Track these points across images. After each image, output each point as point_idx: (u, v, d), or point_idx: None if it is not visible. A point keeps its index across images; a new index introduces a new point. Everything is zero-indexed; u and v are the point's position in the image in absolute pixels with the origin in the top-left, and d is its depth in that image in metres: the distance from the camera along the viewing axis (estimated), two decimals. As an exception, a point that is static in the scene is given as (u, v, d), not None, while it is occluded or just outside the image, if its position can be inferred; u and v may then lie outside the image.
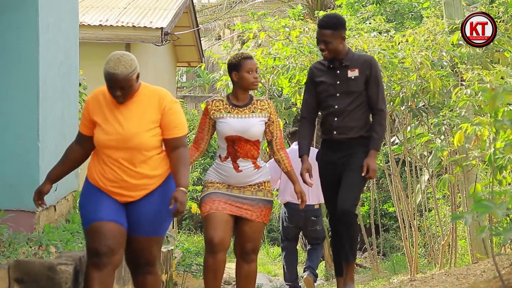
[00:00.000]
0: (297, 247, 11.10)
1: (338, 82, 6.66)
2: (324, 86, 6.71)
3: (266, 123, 6.40)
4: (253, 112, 6.38)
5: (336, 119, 6.64)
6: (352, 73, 6.64)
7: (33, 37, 6.94)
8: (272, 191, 6.56)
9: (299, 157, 6.87)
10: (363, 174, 6.50)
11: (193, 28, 17.69)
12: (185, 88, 29.46)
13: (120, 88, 5.19)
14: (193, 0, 18.66)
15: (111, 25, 13.86)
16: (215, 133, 6.44)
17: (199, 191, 24.72)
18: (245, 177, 6.34)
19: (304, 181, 6.66)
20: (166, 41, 14.21)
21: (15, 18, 6.96)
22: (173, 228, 20.53)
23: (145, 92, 5.35)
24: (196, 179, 24.35)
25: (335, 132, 6.66)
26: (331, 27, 6.59)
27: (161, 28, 13.76)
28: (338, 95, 6.66)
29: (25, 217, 6.84)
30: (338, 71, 6.69)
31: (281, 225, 10.28)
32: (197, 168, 24.82)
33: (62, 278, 5.57)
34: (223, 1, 26.26)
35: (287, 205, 9.86)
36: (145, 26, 13.76)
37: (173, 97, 5.45)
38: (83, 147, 5.44)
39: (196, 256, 13.29)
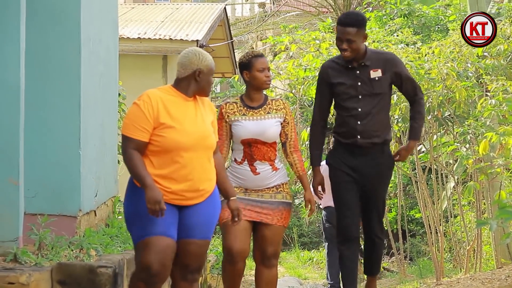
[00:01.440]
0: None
1: (359, 83, 6.08)
2: (342, 87, 6.11)
3: (281, 123, 6.02)
4: (268, 113, 5.98)
5: (359, 122, 6.06)
6: (375, 74, 6.09)
7: (75, 49, 6.98)
8: (291, 193, 6.15)
9: (312, 167, 6.43)
10: (395, 159, 6.23)
11: (227, 40, 17.73)
12: (219, 98, 29.50)
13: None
14: (227, 13, 18.70)
15: (149, 38, 13.93)
16: None
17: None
18: (263, 179, 5.96)
19: (317, 195, 6.26)
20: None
21: (58, 31, 7.00)
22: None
23: (196, 98, 5.10)
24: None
25: (359, 137, 6.07)
26: (356, 25, 6.00)
27: (197, 40, 13.81)
28: (360, 97, 6.07)
29: (67, 221, 6.87)
30: (358, 71, 6.10)
31: (322, 228, 10.46)
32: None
33: (102, 280, 5.58)
34: (256, 14, 26.29)
35: (327, 208, 9.99)
36: (181, 39, 13.82)
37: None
38: (139, 151, 4.91)
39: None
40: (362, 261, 6.67)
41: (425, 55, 10.60)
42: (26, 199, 6.44)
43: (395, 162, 6.39)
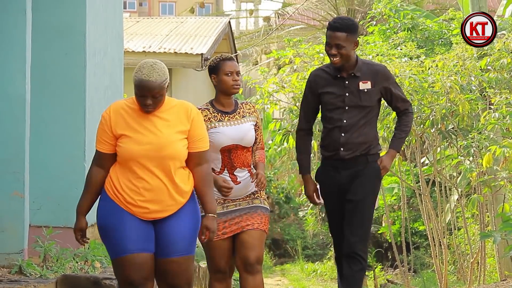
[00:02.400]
0: None
1: (347, 94, 5.76)
2: (329, 97, 5.81)
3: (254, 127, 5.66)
4: (243, 116, 5.62)
5: (343, 134, 5.76)
6: (364, 85, 5.77)
7: (81, 63, 7.01)
8: (267, 201, 5.80)
9: (302, 176, 6.07)
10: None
11: (231, 53, 17.76)
12: (223, 111, 29.58)
13: (152, 96, 4.69)
14: (232, 27, 18.74)
15: (154, 51, 13.97)
16: None
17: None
18: (244, 188, 5.58)
19: (313, 203, 6.03)
20: (206, 66, 14.27)
21: (64, 45, 7.03)
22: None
23: (170, 103, 4.84)
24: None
25: (342, 149, 5.77)
26: (346, 30, 5.69)
27: (201, 54, 13.84)
28: (347, 108, 5.76)
29: (72, 234, 6.86)
30: (347, 82, 5.78)
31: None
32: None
33: (106, 291, 5.58)
34: (260, 28, 26.33)
35: None
36: (186, 52, 13.86)
37: (197, 109, 4.97)
38: (104, 167, 4.82)
39: (235, 272, 13.26)
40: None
41: (429, 69, 10.60)
42: (31, 211, 6.45)
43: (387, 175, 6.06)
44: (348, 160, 5.77)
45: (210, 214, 4.83)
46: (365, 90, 5.77)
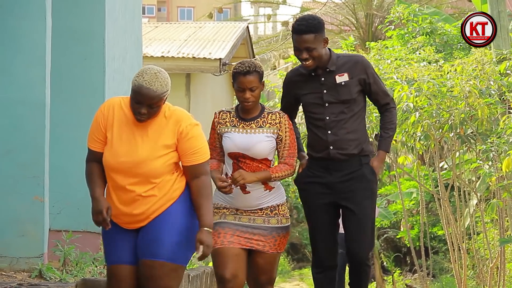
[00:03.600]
0: None
1: (325, 91, 5.48)
2: (308, 97, 5.53)
3: (276, 139, 5.33)
4: (260, 127, 5.29)
5: (329, 132, 5.46)
6: (341, 78, 5.46)
7: (100, 68, 7.04)
8: (287, 215, 5.43)
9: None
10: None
11: (250, 58, 17.78)
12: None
13: (149, 106, 4.40)
14: (250, 32, 18.77)
15: (172, 56, 14.00)
16: None
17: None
18: (254, 199, 5.29)
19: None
20: (224, 71, 14.31)
21: (83, 50, 7.07)
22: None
23: (163, 113, 4.54)
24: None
25: (331, 148, 5.46)
26: (313, 31, 5.36)
27: (220, 59, 13.86)
28: (327, 105, 5.48)
29: (91, 238, 6.91)
30: (322, 78, 5.49)
31: None
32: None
33: (125, 296, 5.60)
34: (278, 33, 26.36)
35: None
36: (204, 57, 13.89)
37: (192, 120, 4.59)
38: (100, 162, 4.58)
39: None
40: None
41: (448, 73, 10.57)
42: (51, 216, 6.48)
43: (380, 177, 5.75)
44: (341, 160, 5.47)
45: (205, 228, 4.47)
46: (343, 83, 5.48)
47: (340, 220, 5.63)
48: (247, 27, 17.95)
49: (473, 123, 10.24)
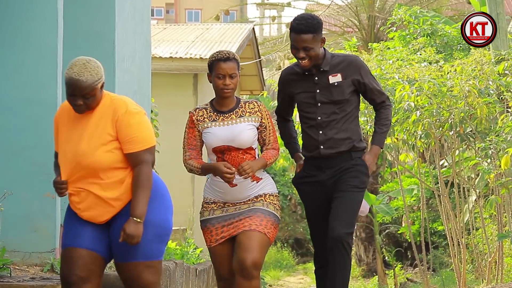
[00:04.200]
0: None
1: (318, 91, 5.34)
2: (301, 96, 5.40)
3: (258, 128, 5.17)
4: (240, 116, 5.13)
5: (321, 132, 5.34)
6: (334, 79, 5.31)
7: (110, 68, 7.04)
8: (277, 207, 5.23)
9: (292, 156, 5.61)
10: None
11: (255, 59, 17.79)
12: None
13: (83, 96, 4.27)
14: (256, 33, 18.75)
15: (180, 57, 14.02)
16: None
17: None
18: (242, 191, 5.13)
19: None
20: (231, 71, 14.29)
21: (94, 51, 7.05)
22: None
23: (104, 103, 4.40)
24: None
25: (322, 147, 5.33)
26: (311, 31, 5.22)
27: (226, 59, 13.84)
28: (319, 105, 5.34)
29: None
30: (316, 78, 5.35)
31: None
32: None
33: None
34: (283, 34, 26.32)
35: None
36: (211, 58, 13.87)
37: (130, 107, 4.42)
38: None
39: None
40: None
41: (448, 73, 10.55)
42: (62, 212, 6.48)
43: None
44: (331, 157, 5.34)
45: (133, 218, 4.29)
46: (336, 84, 5.32)
47: None
48: (253, 28, 17.95)
49: (472, 121, 10.23)
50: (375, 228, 19.19)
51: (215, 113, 5.16)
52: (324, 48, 5.40)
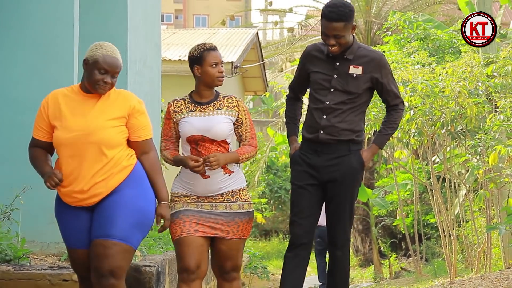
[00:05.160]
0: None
1: (335, 76, 5.04)
2: (317, 77, 5.10)
3: (234, 124, 4.90)
4: (218, 109, 4.85)
5: (324, 116, 5.05)
6: (355, 70, 5.02)
7: (123, 70, 6.96)
8: (250, 201, 4.95)
9: (288, 137, 5.36)
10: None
11: (259, 62, 17.79)
12: (251, 113, 29.56)
13: (112, 75, 4.30)
14: (259, 37, 18.75)
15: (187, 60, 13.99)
16: None
17: (263, 204, 24.76)
18: (214, 184, 4.81)
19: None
20: (236, 73, 14.31)
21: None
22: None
23: (110, 92, 4.37)
24: (261, 193, 24.34)
25: (321, 131, 5.04)
26: (343, 19, 4.90)
27: (232, 62, 13.88)
28: (332, 90, 5.05)
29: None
30: (337, 63, 5.06)
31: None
32: (261, 183, 24.80)
33: (146, 278, 5.61)
34: (285, 38, 26.30)
35: (318, 227, 9.81)
36: (218, 61, 13.86)
37: (139, 98, 4.49)
38: (41, 148, 4.41)
39: (261, 260, 13.29)
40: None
41: (440, 75, 10.55)
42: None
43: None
44: (329, 144, 5.06)
45: (162, 202, 4.37)
46: (354, 75, 5.03)
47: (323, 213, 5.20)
48: (257, 33, 17.94)
49: (462, 120, 10.23)
50: (371, 220, 19.22)
51: (193, 104, 4.90)
52: (353, 36, 5.09)
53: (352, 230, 10.05)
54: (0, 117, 6.33)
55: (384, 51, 13.98)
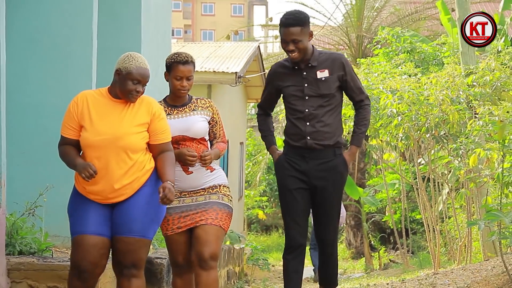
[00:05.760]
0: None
1: (306, 85, 4.98)
2: (290, 90, 5.02)
3: (209, 123, 4.81)
4: (193, 110, 4.76)
5: (308, 123, 4.98)
6: (322, 74, 4.97)
7: (137, 80, 7.04)
8: (231, 198, 4.82)
9: (268, 149, 5.25)
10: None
11: (260, 72, 17.79)
12: (253, 119, 29.55)
13: (143, 84, 4.29)
14: (261, 50, 18.75)
15: (196, 70, 13.95)
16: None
17: (264, 201, 24.74)
18: (197, 179, 4.71)
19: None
20: (239, 83, 14.31)
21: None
22: (243, 230, 20.52)
23: None
24: (262, 191, 24.33)
25: (308, 138, 4.97)
26: (300, 24, 4.85)
27: (236, 72, 13.86)
28: (307, 98, 4.98)
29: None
30: (304, 73, 4.99)
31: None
32: (262, 182, 24.79)
33: (157, 269, 5.61)
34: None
35: None
36: (223, 71, 13.89)
37: (159, 104, 4.52)
38: (71, 145, 4.36)
39: (262, 253, 13.28)
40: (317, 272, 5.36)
41: (424, 84, 10.56)
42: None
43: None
44: (316, 149, 4.99)
45: (169, 182, 4.25)
46: (323, 79, 4.97)
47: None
48: (258, 46, 17.94)
49: (445, 126, 10.23)
50: (363, 216, 19.19)
51: (169, 108, 4.77)
52: (312, 45, 5.05)
53: (345, 225, 10.02)
54: (24, 122, 6.34)
55: (374, 63, 13.98)
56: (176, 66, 4.70)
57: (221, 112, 5.16)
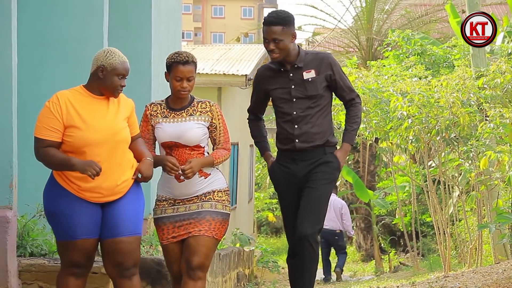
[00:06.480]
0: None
1: (293, 86, 4.83)
2: (277, 92, 4.88)
3: (208, 128, 4.58)
4: (191, 115, 4.55)
5: (296, 126, 4.84)
6: (308, 75, 4.82)
7: (147, 82, 7.10)
8: (226, 203, 4.60)
9: (262, 155, 5.13)
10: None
11: (270, 75, 17.76)
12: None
13: (125, 78, 4.28)
14: (271, 53, 18.74)
15: (206, 73, 14.01)
16: None
17: (274, 204, 24.76)
18: (189, 187, 4.52)
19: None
20: (249, 85, 14.31)
21: (133, 67, 7.03)
22: (253, 232, 20.54)
23: None
24: (272, 194, 24.33)
25: (297, 140, 4.84)
26: (281, 23, 4.72)
27: (245, 75, 13.85)
28: (294, 100, 4.84)
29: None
30: (291, 74, 4.85)
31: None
32: (272, 185, 24.76)
33: (167, 271, 5.62)
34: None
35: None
36: (233, 74, 13.88)
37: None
38: (54, 147, 4.19)
39: (272, 255, 13.27)
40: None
41: (435, 87, 10.54)
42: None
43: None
44: (306, 150, 4.85)
45: (147, 158, 4.31)
46: (310, 80, 4.82)
47: (327, 216, 5.00)
48: (268, 48, 17.94)
49: (456, 128, 10.22)
50: (373, 219, 19.15)
51: (167, 110, 4.58)
52: (298, 46, 4.90)
53: (355, 228, 10.03)
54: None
55: (384, 65, 13.96)
56: (176, 66, 4.51)
57: (231, 114, 5.14)
